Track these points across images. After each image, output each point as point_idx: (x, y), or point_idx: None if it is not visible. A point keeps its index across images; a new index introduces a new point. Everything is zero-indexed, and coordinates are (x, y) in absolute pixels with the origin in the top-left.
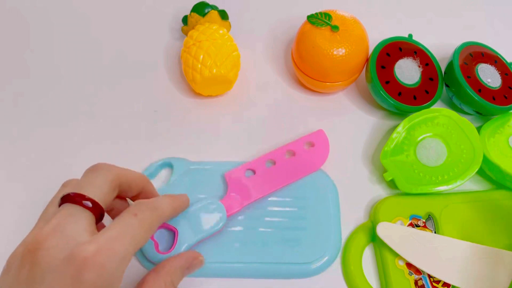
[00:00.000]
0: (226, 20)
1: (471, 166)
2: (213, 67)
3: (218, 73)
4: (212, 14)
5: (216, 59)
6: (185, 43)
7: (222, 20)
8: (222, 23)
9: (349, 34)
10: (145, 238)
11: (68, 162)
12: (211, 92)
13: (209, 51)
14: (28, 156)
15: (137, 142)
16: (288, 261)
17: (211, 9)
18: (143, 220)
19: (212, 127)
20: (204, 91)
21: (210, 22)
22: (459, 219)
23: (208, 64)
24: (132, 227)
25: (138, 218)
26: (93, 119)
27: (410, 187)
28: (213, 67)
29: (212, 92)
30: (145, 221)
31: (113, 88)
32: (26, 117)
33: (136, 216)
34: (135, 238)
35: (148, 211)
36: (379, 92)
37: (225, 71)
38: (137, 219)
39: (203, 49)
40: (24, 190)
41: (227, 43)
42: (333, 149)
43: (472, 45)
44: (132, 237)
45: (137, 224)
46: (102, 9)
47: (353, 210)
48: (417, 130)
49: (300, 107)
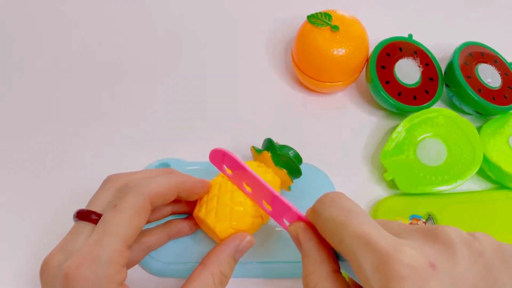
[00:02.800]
0: (281, 168)
1: (471, 166)
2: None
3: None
4: (265, 155)
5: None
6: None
7: (276, 167)
8: (277, 170)
9: (349, 34)
10: (136, 225)
11: (67, 162)
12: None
13: (234, 208)
14: (29, 157)
15: (134, 143)
16: (286, 260)
17: (275, 149)
18: (124, 209)
19: (212, 127)
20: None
21: (265, 163)
22: (459, 219)
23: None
24: (111, 223)
25: (117, 209)
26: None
27: (410, 187)
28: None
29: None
30: (128, 210)
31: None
32: (24, 120)
33: (116, 207)
34: (118, 233)
35: (129, 196)
36: (379, 92)
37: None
38: (117, 210)
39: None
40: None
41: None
42: (333, 149)
43: (472, 45)
44: (115, 234)
45: (118, 217)
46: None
47: None
48: (417, 130)
49: (300, 107)
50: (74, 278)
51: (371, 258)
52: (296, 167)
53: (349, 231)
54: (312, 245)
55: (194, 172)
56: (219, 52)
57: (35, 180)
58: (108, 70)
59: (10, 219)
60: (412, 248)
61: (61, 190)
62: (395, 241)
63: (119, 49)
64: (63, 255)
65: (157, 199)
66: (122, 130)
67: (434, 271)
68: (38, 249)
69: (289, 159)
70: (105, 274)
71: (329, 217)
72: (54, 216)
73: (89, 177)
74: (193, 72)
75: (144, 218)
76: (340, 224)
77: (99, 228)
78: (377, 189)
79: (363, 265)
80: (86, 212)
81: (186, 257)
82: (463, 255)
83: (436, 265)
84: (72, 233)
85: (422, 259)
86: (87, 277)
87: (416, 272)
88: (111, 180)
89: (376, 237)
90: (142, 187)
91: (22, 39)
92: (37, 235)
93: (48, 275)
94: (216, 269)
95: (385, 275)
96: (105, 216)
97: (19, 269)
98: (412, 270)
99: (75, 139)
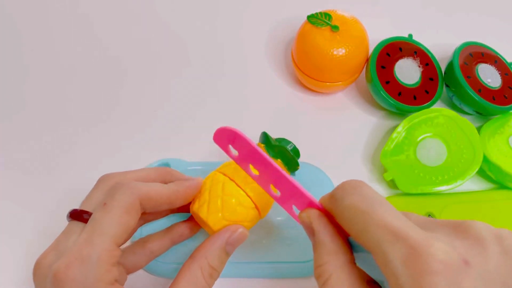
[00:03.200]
0: (276, 159)
1: (471, 166)
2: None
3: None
4: (260, 147)
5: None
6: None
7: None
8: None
9: (349, 34)
10: (126, 224)
11: (67, 162)
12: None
13: (225, 198)
14: (29, 157)
15: (134, 143)
16: (286, 260)
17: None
18: (113, 207)
19: (212, 127)
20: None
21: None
22: (459, 219)
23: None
24: (101, 222)
25: (107, 208)
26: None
27: (410, 187)
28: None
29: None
30: (117, 208)
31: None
32: (29, 119)
33: (105, 205)
34: (107, 232)
35: (118, 194)
36: (379, 92)
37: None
38: (106, 209)
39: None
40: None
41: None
42: (333, 149)
43: (472, 45)
44: (104, 233)
45: (106, 216)
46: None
47: None
48: (417, 130)
49: (300, 107)
50: (63, 278)
51: (400, 250)
52: (291, 157)
53: (374, 220)
54: (327, 233)
55: (195, 172)
56: (219, 52)
57: (35, 180)
58: (108, 70)
59: (10, 219)
60: (444, 243)
61: (61, 190)
62: (426, 234)
63: (119, 49)
64: (54, 255)
65: (148, 202)
66: (122, 130)
67: (467, 267)
68: (36, 250)
69: (284, 149)
70: (94, 274)
71: (351, 204)
72: (53, 216)
73: (89, 177)
74: (193, 72)
75: (134, 217)
76: (364, 212)
77: (88, 227)
78: (377, 189)
79: (390, 257)
80: (79, 211)
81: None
82: (495, 251)
83: (469, 261)
84: (64, 233)
85: (455, 254)
86: (76, 277)
87: (450, 267)
88: (104, 180)
89: (406, 229)
90: (133, 186)
91: (22, 38)
92: (36, 236)
93: (39, 275)
94: (204, 262)
95: (416, 269)
96: (94, 215)
97: (18, 269)
98: (445, 265)
99: (75, 139)
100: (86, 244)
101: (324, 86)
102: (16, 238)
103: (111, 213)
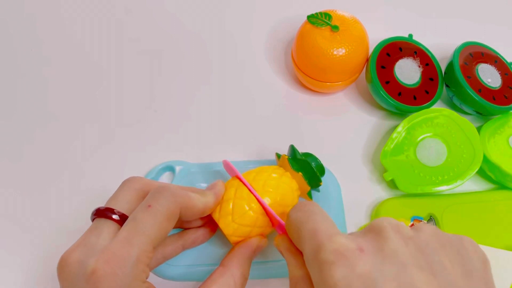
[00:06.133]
0: (297, 171)
1: (471, 166)
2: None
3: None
4: (284, 159)
5: (235, 216)
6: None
7: (292, 169)
8: (294, 174)
9: (349, 34)
10: (165, 229)
11: (69, 162)
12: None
13: (236, 202)
14: (30, 157)
15: (137, 144)
16: (274, 259)
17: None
18: (157, 211)
19: (211, 127)
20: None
21: (284, 167)
22: (460, 219)
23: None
24: (143, 223)
25: (151, 210)
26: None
27: (410, 187)
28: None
29: None
30: (161, 212)
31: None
32: (24, 118)
33: (150, 208)
34: (149, 234)
35: (164, 199)
36: (379, 92)
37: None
38: (150, 211)
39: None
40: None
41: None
42: (333, 149)
43: (472, 45)
44: (146, 234)
45: (149, 218)
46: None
47: (353, 210)
48: (417, 130)
49: (300, 107)
50: (102, 274)
51: (311, 247)
52: (314, 173)
53: (305, 227)
54: (289, 252)
55: (197, 173)
56: (219, 52)
57: (35, 180)
58: (108, 71)
59: (18, 220)
60: (345, 238)
61: (62, 190)
62: (334, 231)
63: (120, 49)
64: (83, 252)
65: (185, 211)
66: (125, 131)
67: (362, 253)
68: (45, 251)
69: (307, 164)
70: (132, 272)
71: (295, 218)
72: (60, 215)
73: (92, 177)
74: (193, 72)
75: (172, 224)
76: (300, 223)
77: (129, 226)
78: (377, 189)
79: (306, 254)
80: (106, 209)
81: (202, 260)
82: (392, 238)
83: (364, 248)
84: (91, 230)
85: (352, 245)
86: (116, 273)
87: (343, 256)
88: (129, 181)
89: (321, 230)
90: (177, 194)
91: (22, 39)
92: (43, 235)
93: (68, 272)
94: (237, 271)
95: (318, 261)
96: (136, 215)
97: (28, 268)
98: (338, 255)
99: (77, 139)
100: (127, 243)
101: (324, 86)
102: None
103: (154, 216)
